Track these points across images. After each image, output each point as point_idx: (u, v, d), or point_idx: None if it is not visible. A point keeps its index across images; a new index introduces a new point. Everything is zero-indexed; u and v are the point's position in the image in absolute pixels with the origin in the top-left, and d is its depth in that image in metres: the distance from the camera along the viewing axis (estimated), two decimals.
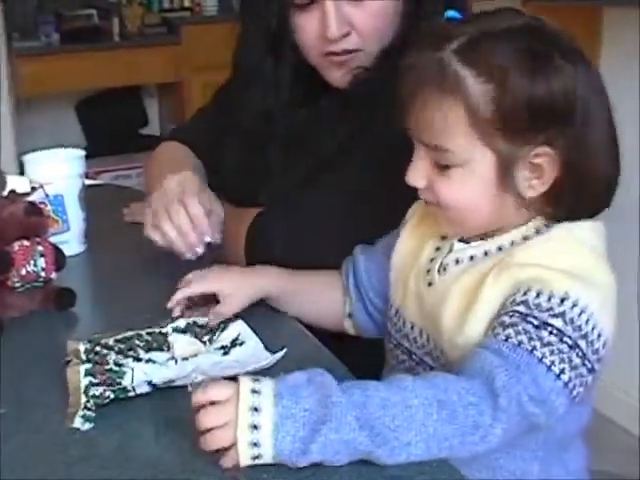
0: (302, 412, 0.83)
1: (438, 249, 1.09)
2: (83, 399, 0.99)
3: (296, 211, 1.37)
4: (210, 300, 1.20)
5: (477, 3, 2.93)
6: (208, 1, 4.99)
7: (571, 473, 1.06)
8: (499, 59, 0.94)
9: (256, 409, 0.83)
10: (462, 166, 0.98)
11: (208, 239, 1.29)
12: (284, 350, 1.09)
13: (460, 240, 1.06)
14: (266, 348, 1.12)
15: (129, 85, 4.85)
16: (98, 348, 1.09)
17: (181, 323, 1.18)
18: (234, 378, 0.87)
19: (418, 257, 1.11)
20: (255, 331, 1.17)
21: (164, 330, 1.16)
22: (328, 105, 1.45)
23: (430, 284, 1.07)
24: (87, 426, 0.96)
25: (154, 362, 1.08)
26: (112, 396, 0.99)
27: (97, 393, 0.99)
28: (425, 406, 0.84)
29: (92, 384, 1.00)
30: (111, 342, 1.11)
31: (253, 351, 1.13)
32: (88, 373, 1.02)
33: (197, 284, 1.20)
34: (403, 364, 1.12)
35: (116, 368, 1.04)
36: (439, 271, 1.06)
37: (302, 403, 0.83)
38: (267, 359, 1.07)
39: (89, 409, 0.98)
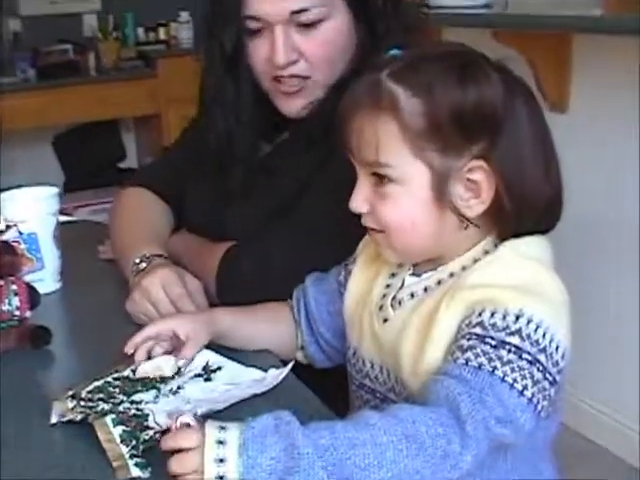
0: (268, 461, 0.82)
1: (388, 286, 1.10)
2: (124, 449, 0.96)
3: (264, 245, 1.38)
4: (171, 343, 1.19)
5: (448, 36, 3.00)
6: (183, 34, 5.03)
7: None
8: (427, 74, 0.98)
9: (221, 460, 0.82)
10: (400, 183, 1.00)
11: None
12: (291, 363, 1.12)
13: (412, 274, 1.08)
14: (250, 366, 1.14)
15: (106, 119, 4.86)
16: (82, 403, 1.07)
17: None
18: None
19: (369, 296, 1.12)
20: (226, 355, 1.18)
21: (125, 373, 1.14)
22: (290, 137, 1.48)
23: (385, 320, 1.08)
24: (147, 473, 0.94)
25: (154, 401, 1.07)
26: (159, 437, 0.97)
27: (147, 437, 0.98)
28: (394, 442, 0.84)
29: (125, 432, 0.98)
30: (84, 394, 1.09)
31: (238, 372, 1.15)
32: (117, 423, 1.00)
33: (152, 326, 1.18)
34: (368, 404, 1.13)
35: (138, 412, 1.03)
36: (393, 306, 1.07)
37: (268, 452, 0.82)
38: (272, 376, 1.10)
39: (137, 456, 0.96)
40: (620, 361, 2.68)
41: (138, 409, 1.04)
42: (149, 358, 1.17)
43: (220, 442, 0.83)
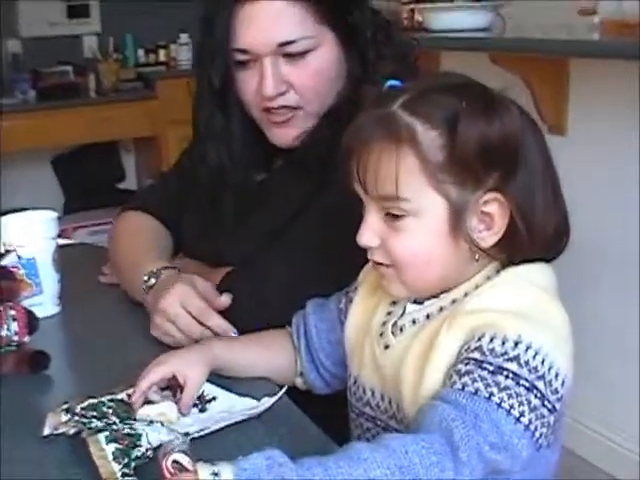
0: None
1: (389, 313, 1.10)
2: (116, 466, 0.96)
3: (260, 271, 1.39)
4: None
5: (446, 60, 3.01)
6: (183, 55, 5.05)
7: None
8: (445, 107, 0.98)
9: None
10: (415, 215, 0.99)
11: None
12: (283, 389, 1.13)
13: (413, 302, 1.07)
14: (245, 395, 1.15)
15: (106, 140, 4.88)
16: (76, 417, 1.08)
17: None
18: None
19: (370, 324, 1.12)
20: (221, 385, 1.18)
21: (119, 397, 1.13)
22: (284, 165, 1.49)
23: (387, 347, 1.07)
24: None
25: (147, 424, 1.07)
26: (151, 455, 0.98)
27: (139, 454, 0.98)
28: (388, 476, 0.83)
29: (118, 449, 0.98)
30: (78, 409, 1.09)
31: (232, 402, 1.15)
32: (110, 440, 1.00)
33: (154, 372, 1.13)
34: (369, 432, 1.12)
35: (132, 431, 1.03)
36: (394, 333, 1.07)
37: None
38: (260, 403, 1.10)
39: (129, 475, 0.96)
40: (621, 382, 2.68)
41: (132, 428, 1.04)
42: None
43: None
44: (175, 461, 0.87)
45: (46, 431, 1.06)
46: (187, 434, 1.02)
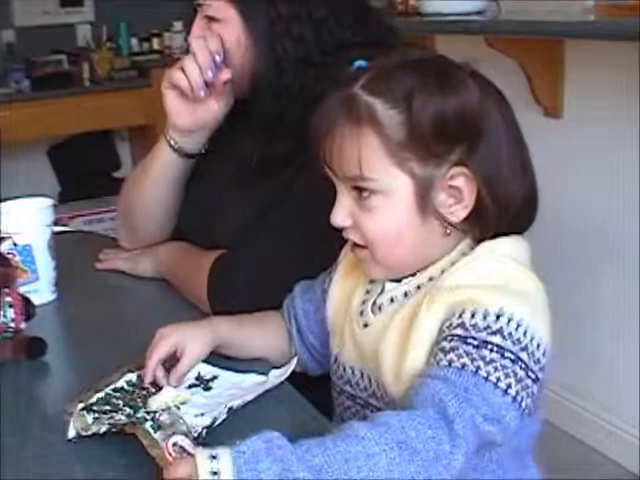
0: None
1: (368, 292, 1.11)
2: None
3: (253, 252, 1.39)
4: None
5: (441, 44, 3.00)
6: (177, 43, 5.03)
7: None
8: (402, 84, 0.98)
9: None
10: (383, 194, 1.00)
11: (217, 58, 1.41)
12: (295, 359, 1.16)
13: (391, 280, 1.08)
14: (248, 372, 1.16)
15: (101, 129, 4.87)
16: (104, 415, 1.07)
17: (132, 377, 1.17)
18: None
19: (350, 303, 1.12)
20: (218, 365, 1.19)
21: (119, 385, 1.14)
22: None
23: (366, 325, 1.08)
24: None
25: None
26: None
27: (195, 435, 0.98)
28: (387, 451, 0.83)
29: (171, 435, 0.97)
30: (96, 407, 1.09)
31: (237, 378, 1.16)
32: (156, 429, 1.01)
33: (159, 348, 1.14)
34: (349, 410, 1.13)
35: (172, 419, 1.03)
36: (373, 311, 1.08)
37: (263, 478, 0.81)
38: (275, 376, 1.13)
39: None
40: (621, 366, 2.68)
41: (170, 414, 1.04)
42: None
43: (214, 473, 0.81)
44: (175, 444, 0.87)
45: (71, 434, 1.04)
46: (230, 409, 1.04)
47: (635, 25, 2.08)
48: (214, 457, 0.82)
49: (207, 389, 1.15)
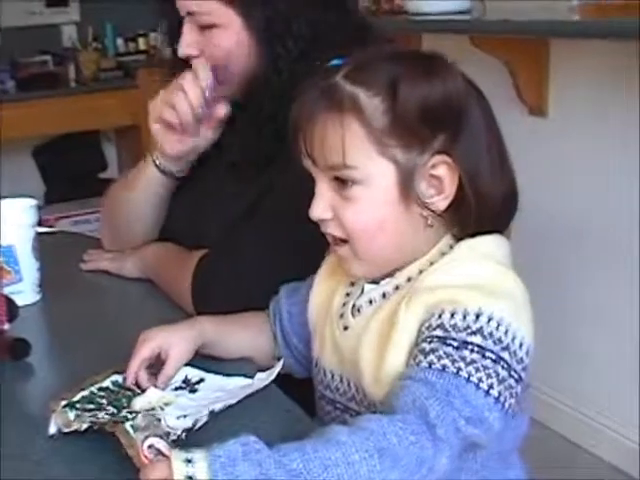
0: None
1: (348, 294, 1.10)
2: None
3: (235, 253, 1.38)
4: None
5: (427, 43, 3.00)
6: (164, 44, 5.01)
7: None
8: (386, 72, 0.99)
9: None
10: (365, 184, 1.00)
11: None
12: (281, 361, 1.16)
13: (370, 282, 1.07)
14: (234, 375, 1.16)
15: (87, 130, 4.85)
16: (86, 413, 1.06)
17: (118, 378, 1.16)
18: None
19: (330, 306, 1.12)
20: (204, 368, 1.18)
21: (105, 384, 1.14)
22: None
23: (346, 328, 1.08)
24: None
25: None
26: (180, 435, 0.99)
27: (175, 437, 0.98)
28: (367, 459, 0.82)
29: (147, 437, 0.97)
30: (79, 405, 1.08)
31: (223, 381, 1.16)
32: (136, 429, 0.99)
33: (141, 350, 1.14)
34: (329, 415, 1.13)
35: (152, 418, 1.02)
36: (353, 314, 1.07)
37: None
38: (260, 379, 1.13)
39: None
40: (613, 367, 2.69)
41: (152, 415, 1.03)
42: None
43: (189, 477, 0.80)
44: (151, 446, 0.86)
45: (52, 430, 1.04)
46: (212, 411, 1.04)
47: (619, 25, 2.09)
48: (189, 461, 0.81)
49: (193, 391, 1.15)
